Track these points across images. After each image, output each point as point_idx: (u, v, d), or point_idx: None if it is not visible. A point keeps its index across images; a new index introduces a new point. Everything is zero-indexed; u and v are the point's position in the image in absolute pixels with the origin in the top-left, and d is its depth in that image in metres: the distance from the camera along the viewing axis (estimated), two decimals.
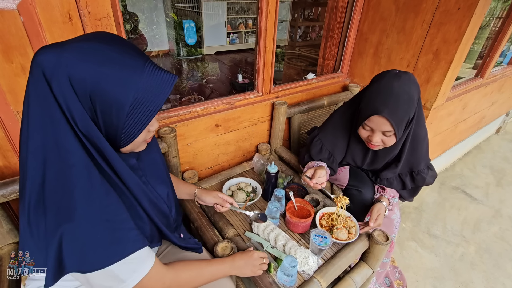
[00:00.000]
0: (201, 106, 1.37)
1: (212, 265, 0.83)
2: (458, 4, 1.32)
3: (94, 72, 0.49)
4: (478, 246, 1.87)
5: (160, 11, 4.17)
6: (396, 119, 0.98)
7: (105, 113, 0.53)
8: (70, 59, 0.49)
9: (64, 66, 0.49)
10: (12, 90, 0.89)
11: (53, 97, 0.50)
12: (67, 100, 0.50)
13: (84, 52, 0.50)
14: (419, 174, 1.22)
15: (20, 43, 0.85)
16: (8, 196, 0.89)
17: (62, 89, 0.50)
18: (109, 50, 0.51)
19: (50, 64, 0.49)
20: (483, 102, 2.36)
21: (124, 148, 0.62)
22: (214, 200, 1.04)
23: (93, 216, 0.54)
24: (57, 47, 0.50)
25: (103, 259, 0.56)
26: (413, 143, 1.16)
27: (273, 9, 1.33)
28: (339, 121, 1.25)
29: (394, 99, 0.96)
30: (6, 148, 0.96)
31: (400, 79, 0.98)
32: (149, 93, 0.54)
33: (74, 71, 0.49)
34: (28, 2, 0.82)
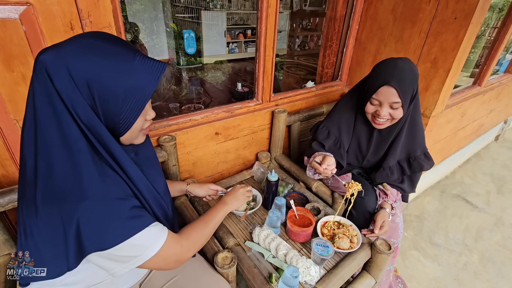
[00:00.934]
0: (201, 115, 1.37)
1: (212, 215, 0.89)
2: (455, 13, 1.34)
3: (90, 62, 0.54)
4: (481, 255, 1.84)
5: (160, 21, 4.23)
6: (402, 89, 1.04)
7: (102, 100, 0.56)
8: (67, 52, 0.53)
9: (62, 58, 0.53)
10: (12, 99, 0.89)
11: (55, 91, 0.53)
12: (68, 91, 0.54)
13: (80, 46, 0.54)
14: (415, 159, 1.25)
15: (21, 52, 0.85)
16: (5, 206, 0.88)
17: (62, 81, 0.53)
18: (103, 43, 0.56)
19: (50, 60, 0.53)
20: (482, 110, 2.37)
21: (124, 137, 0.65)
22: (206, 193, 1.11)
23: (105, 195, 0.58)
24: (56, 45, 0.55)
25: (126, 231, 0.60)
26: (410, 127, 1.21)
27: (273, 19, 1.35)
28: (344, 108, 1.30)
29: (400, 71, 1.05)
30: (5, 157, 0.95)
31: (402, 59, 1.09)
32: (140, 80, 0.58)
33: (72, 62, 0.53)
34: (30, 12, 0.82)
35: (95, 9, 0.90)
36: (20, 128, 0.94)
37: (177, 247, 0.71)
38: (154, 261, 0.65)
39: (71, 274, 0.66)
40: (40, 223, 0.56)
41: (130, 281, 0.83)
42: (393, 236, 1.29)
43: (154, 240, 0.65)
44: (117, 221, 0.58)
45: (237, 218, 1.24)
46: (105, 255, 0.60)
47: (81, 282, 0.71)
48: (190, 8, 4.47)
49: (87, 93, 0.55)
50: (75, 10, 0.88)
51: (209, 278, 0.90)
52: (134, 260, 0.63)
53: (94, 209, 0.56)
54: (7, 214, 1.03)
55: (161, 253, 0.66)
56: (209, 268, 0.94)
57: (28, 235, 0.59)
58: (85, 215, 0.55)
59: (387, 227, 1.20)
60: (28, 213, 0.57)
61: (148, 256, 0.64)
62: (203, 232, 0.83)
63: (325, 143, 1.29)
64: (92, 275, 0.72)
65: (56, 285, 0.68)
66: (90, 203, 0.55)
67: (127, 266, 0.63)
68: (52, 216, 0.55)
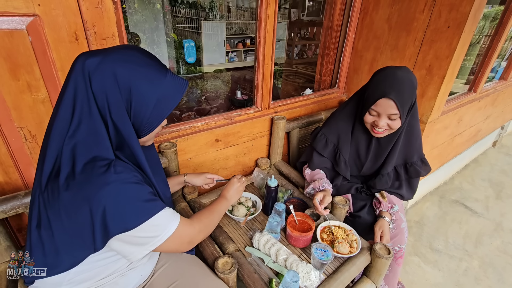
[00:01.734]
0: (201, 122, 1.40)
1: (217, 206, 0.97)
2: (448, 22, 1.38)
3: (134, 71, 0.62)
4: (481, 261, 1.84)
5: (161, 32, 4.30)
6: (401, 101, 1.05)
7: (137, 104, 0.65)
8: (116, 59, 0.62)
9: (110, 63, 0.60)
10: (17, 107, 0.91)
11: (91, 91, 0.60)
12: (108, 92, 0.61)
13: (126, 56, 0.63)
14: (412, 165, 1.27)
15: (27, 62, 0.88)
16: (8, 212, 0.89)
17: (104, 83, 0.60)
18: (144, 57, 0.65)
19: (94, 63, 0.60)
20: (478, 116, 2.40)
21: (142, 139, 0.74)
22: (203, 182, 1.17)
23: (126, 179, 0.63)
24: (100, 51, 0.63)
25: (146, 212, 0.65)
26: (408, 134, 1.24)
27: (271, 28, 1.39)
28: (342, 115, 1.32)
29: (400, 83, 1.05)
30: (8, 164, 0.97)
31: (401, 69, 1.10)
32: (169, 92, 0.68)
33: (119, 68, 0.61)
34: (37, 23, 0.85)
35: (100, 20, 0.93)
36: (24, 136, 0.96)
37: (191, 228, 0.78)
38: (170, 242, 0.70)
39: (77, 272, 0.68)
40: (62, 210, 0.61)
41: (134, 282, 0.84)
42: (399, 241, 1.28)
43: (170, 221, 0.71)
44: (138, 203, 0.64)
45: (237, 223, 1.24)
46: (126, 238, 0.64)
47: (87, 280, 0.73)
48: (190, 19, 4.55)
49: (127, 96, 0.63)
50: (80, 21, 0.91)
51: (209, 283, 0.90)
52: (153, 241, 0.67)
53: (118, 192, 0.61)
54: (9, 221, 1.04)
55: (176, 233, 0.71)
56: (210, 273, 0.95)
57: (43, 227, 0.63)
58: (110, 198, 0.60)
59: (388, 236, 1.21)
60: (48, 203, 0.62)
61: (166, 235, 0.69)
62: (211, 219, 0.90)
63: (324, 153, 1.33)
64: (98, 274, 0.74)
65: (63, 284, 0.69)
66: (114, 186, 0.60)
67: (146, 248, 0.67)
68: (76, 201, 0.60)
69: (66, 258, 0.66)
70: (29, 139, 0.97)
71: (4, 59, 0.84)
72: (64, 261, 0.67)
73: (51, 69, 0.92)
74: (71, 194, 0.60)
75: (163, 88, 0.66)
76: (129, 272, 0.82)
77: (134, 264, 0.83)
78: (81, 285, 0.73)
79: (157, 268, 0.94)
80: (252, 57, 1.46)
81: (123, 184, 0.62)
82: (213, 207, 0.95)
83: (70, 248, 0.65)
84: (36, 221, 0.64)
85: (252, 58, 5.15)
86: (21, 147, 0.97)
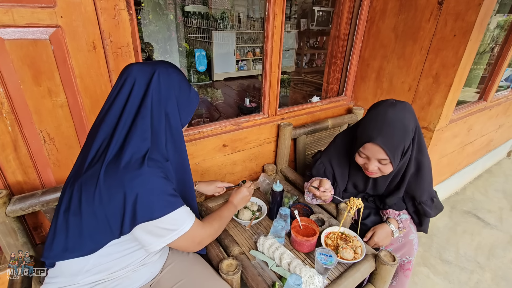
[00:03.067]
0: (210, 127, 1.44)
1: (225, 212, 1.04)
2: (454, 31, 1.39)
3: (178, 74, 0.81)
4: (494, 273, 1.78)
5: (173, 41, 4.44)
6: (390, 146, 0.99)
7: (181, 104, 0.81)
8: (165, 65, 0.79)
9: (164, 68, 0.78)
10: (38, 111, 0.98)
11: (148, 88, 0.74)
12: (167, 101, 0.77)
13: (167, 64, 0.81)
14: (420, 204, 1.21)
15: (49, 69, 0.95)
16: (26, 210, 0.94)
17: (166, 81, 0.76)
18: (179, 72, 0.83)
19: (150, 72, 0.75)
20: (489, 125, 2.36)
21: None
22: (214, 190, 1.25)
23: (156, 173, 0.71)
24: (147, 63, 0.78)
25: (170, 205, 0.73)
26: (417, 172, 1.14)
27: (278, 38, 1.43)
28: (340, 147, 1.27)
29: (387, 126, 0.98)
30: (27, 164, 1.03)
31: (395, 107, 1.01)
32: (193, 99, 0.86)
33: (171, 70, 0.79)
34: (59, 33, 0.92)
35: (116, 30, 0.99)
36: (43, 138, 1.02)
37: (202, 230, 0.84)
38: (184, 238, 0.76)
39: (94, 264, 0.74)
40: (97, 194, 0.66)
41: (143, 279, 0.88)
42: (407, 253, 1.25)
43: (188, 218, 0.78)
44: (165, 196, 0.72)
45: (243, 227, 1.26)
46: (148, 227, 0.71)
47: (102, 272, 0.77)
48: (202, 29, 4.69)
49: (177, 92, 0.79)
50: (97, 31, 0.98)
51: (214, 284, 0.92)
52: (171, 234, 0.74)
53: (149, 183, 0.69)
54: (26, 218, 1.10)
55: (190, 231, 0.77)
56: (215, 274, 0.96)
57: (72, 211, 0.69)
58: (142, 187, 0.67)
59: (378, 239, 1.20)
60: (85, 186, 0.68)
61: (183, 231, 0.75)
62: (220, 224, 0.96)
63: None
64: (113, 266, 0.78)
65: (80, 273, 0.74)
66: (146, 178, 0.68)
67: (164, 241, 0.74)
68: (112, 186, 0.67)
69: (89, 242, 0.71)
70: (47, 141, 1.03)
71: (28, 66, 0.91)
72: (86, 245, 0.71)
73: (70, 76, 0.99)
74: (109, 179, 0.67)
75: (190, 96, 0.84)
76: (141, 267, 0.86)
77: (146, 260, 0.87)
78: (96, 276, 0.77)
79: (165, 267, 0.97)
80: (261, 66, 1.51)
81: (154, 177, 0.70)
82: (222, 213, 1.01)
83: (94, 233, 0.70)
84: (65, 206, 0.70)
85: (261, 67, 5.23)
86: (40, 149, 1.03)
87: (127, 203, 0.67)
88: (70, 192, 0.70)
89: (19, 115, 0.95)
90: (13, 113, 0.94)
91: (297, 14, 5.59)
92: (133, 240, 0.76)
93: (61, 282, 0.76)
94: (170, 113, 0.78)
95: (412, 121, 1.03)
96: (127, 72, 0.74)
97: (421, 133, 1.10)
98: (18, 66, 0.90)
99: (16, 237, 0.95)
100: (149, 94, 0.73)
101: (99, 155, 0.70)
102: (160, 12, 4.66)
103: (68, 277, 0.75)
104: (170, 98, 0.77)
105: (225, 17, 4.85)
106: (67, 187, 0.72)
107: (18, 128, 0.96)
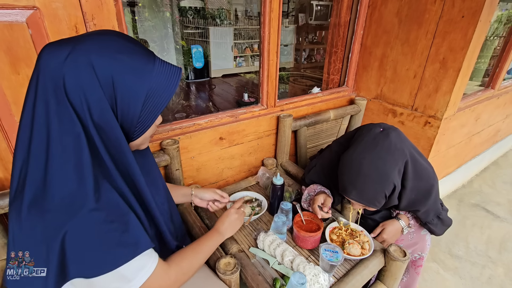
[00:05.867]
0: (205, 119, 1.36)
1: (204, 243, 0.83)
2: (462, 12, 1.31)
3: (114, 60, 0.50)
4: (507, 268, 1.70)
5: (170, 39, 4.37)
6: (366, 198, 0.93)
7: (124, 100, 0.53)
8: (90, 47, 0.49)
9: (84, 53, 0.49)
10: (17, 101, 0.90)
11: (63, 91, 0.49)
12: (86, 89, 0.49)
13: (103, 41, 0.51)
14: (426, 224, 1.14)
15: (27, 55, 0.87)
16: (5, 208, 0.87)
17: (80, 78, 0.49)
18: (125, 42, 0.54)
19: (63, 55, 0.48)
20: (497, 115, 2.28)
21: (134, 143, 0.62)
22: (212, 196, 1.03)
23: (98, 216, 0.52)
24: (69, 39, 0.51)
25: (111, 261, 0.53)
26: (417, 198, 1.03)
27: (276, 23, 1.36)
28: (334, 158, 1.12)
29: (363, 180, 0.91)
30: (8, 159, 0.96)
31: (375, 149, 0.92)
32: (160, 84, 0.56)
33: (97, 57, 0.49)
34: (37, 16, 0.85)
35: (99, 12, 0.92)
36: None
37: (165, 279, 0.65)
38: None
39: None
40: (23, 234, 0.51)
41: None
42: (419, 248, 1.19)
43: (139, 273, 0.58)
44: (106, 247, 0.53)
45: None
46: (86, 284, 0.54)
47: None
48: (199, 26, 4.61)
49: (110, 92, 0.51)
50: (80, 14, 0.90)
51: (210, 285, 0.85)
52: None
53: (84, 229, 0.51)
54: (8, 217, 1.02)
55: (146, 285, 0.59)
56: (212, 274, 0.89)
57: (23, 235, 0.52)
58: (74, 233, 0.50)
59: (387, 235, 1.13)
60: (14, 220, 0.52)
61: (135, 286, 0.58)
62: (193, 262, 0.75)
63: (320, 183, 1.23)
64: None
65: None
66: (81, 221, 0.50)
67: None
68: (35, 228, 0.50)
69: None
70: None
71: (4, 52, 0.84)
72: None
73: None
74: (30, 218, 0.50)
75: (152, 78, 0.54)
76: None
77: None
78: None
79: None
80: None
81: (93, 220, 0.52)
82: (200, 246, 0.81)
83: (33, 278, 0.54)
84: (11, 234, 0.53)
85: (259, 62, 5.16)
86: None
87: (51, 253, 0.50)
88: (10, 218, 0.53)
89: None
90: None
91: (295, 9, 5.51)
92: None
93: None
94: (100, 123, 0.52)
95: (394, 164, 0.91)
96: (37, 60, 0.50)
97: (417, 159, 0.99)
98: None
99: None
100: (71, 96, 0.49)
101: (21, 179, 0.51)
102: (156, 9, 4.58)
103: None
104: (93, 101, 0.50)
105: (222, 13, 4.77)
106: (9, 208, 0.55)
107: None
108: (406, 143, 0.98)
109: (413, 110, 1.65)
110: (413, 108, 1.64)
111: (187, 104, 3.55)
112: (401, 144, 0.95)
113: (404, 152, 0.95)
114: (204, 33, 4.59)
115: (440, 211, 1.13)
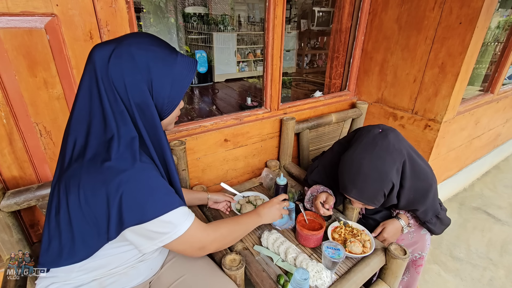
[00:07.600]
0: (211, 121, 1.41)
1: (244, 219, 0.90)
2: (459, 18, 1.35)
3: (149, 50, 0.63)
4: (507, 270, 1.72)
5: (174, 45, 4.46)
6: (366, 197, 0.97)
7: (158, 82, 0.64)
8: (131, 42, 0.62)
9: (126, 47, 0.61)
10: (34, 103, 0.95)
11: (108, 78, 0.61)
12: (127, 74, 0.61)
13: (138, 38, 0.64)
14: (425, 223, 1.17)
15: (44, 59, 0.92)
16: (21, 204, 0.90)
17: (122, 66, 0.60)
18: (154, 38, 0.67)
19: (109, 49, 0.60)
20: (497, 118, 2.31)
21: (164, 121, 0.73)
22: (224, 198, 1.25)
23: (145, 167, 0.63)
24: (112, 40, 0.64)
25: (161, 207, 0.64)
26: (416, 197, 1.06)
27: (279, 29, 1.41)
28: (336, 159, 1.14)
29: (363, 179, 0.95)
30: (23, 159, 1.00)
31: (374, 150, 0.95)
32: (183, 70, 0.68)
33: (136, 49, 0.61)
34: (55, 22, 0.90)
35: (113, 19, 0.97)
36: (39, 132, 0.99)
37: (203, 234, 0.73)
38: (180, 242, 0.68)
39: (87, 260, 0.68)
40: (81, 195, 0.60)
41: (143, 276, 0.83)
42: (419, 248, 1.21)
43: (183, 221, 0.68)
44: (156, 195, 0.63)
45: None
46: (138, 230, 0.63)
47: (97, 269, 0.72)
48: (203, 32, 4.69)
49: (147, 76, 0.62)
50: (94, 20, 0.95)
51: (217, 279, 0.88)
52: (163, 237, 0.66)
53: (136, 180, 0.60)
54: (23, 216, 1.06)
55: (187, 235, 0.68)
56: (218, 269, 0.92)
57: (62, 214, 0.62)
58: (127, 186, 0.59)
59: (388, 234, 1.16)
60: (69, 188, 0.61)
61: (176, 235, 0.67)
62: (231, 230, 0.83)
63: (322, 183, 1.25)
64: (109, 263, 0.73)
65: (74, 270, 0.70)
66: (132, 173, 0.60)
67: (156, 244, 0.66)
68: (95, 185, 0.59)
69: (81, 248, 0.65)
70: (44, 134, 1.00)
71: (23, 56, 0.89)
72: (79, 251, 0.65)
73: (67, 66, 0.96)
74: (91, 177, 0.59)
75: (177, 66, 0.67)
76: (140, 264, 0.81)
77: (145, 257, 0.82)
78: (92, 273, 0.72)
79: (165, 262, 0.93)
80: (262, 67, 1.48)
81: (143, 173, 0.61)
82: (240, 219, 0.89)
83: (86, 237, 0.64)
84: (55, 209, 0.64)
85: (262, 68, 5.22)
86: (36, 142, 1.00)
87: (111, 204, 0.59)
88: (58, 193, 0.63)
89: (14, 107, 0.92)
90: (8, 105, 0.91)
91: (297, 15, 5.59)
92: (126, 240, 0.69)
93: (55, 278, 0.72)
94: (140, 102, 0.63)
95: (392, 164, 0.95)
96: (89, 56, 0.63)
97: (415, 159, 1.02)
98: (13, 56, 0.87)
99: (11, 233, 0.91)
100: (115, 81, 0.61)
101: (76, 153, 0.63)
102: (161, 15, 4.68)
103: (62, 273, 0.71)
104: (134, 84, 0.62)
105: (226, 19, 4.85)
106: (54, 188, 0.65)
107: (13, 120, 0.93)
108: (404, 144, 1.02)
109: (413, 114, 1.68)
110: (413, 112, 1.68)
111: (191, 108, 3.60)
112: (399, 144, 0.99)
113: (402, 152, 0.98)
114: (208, 38, 4.67)
115: (439, 211, 1.16)
